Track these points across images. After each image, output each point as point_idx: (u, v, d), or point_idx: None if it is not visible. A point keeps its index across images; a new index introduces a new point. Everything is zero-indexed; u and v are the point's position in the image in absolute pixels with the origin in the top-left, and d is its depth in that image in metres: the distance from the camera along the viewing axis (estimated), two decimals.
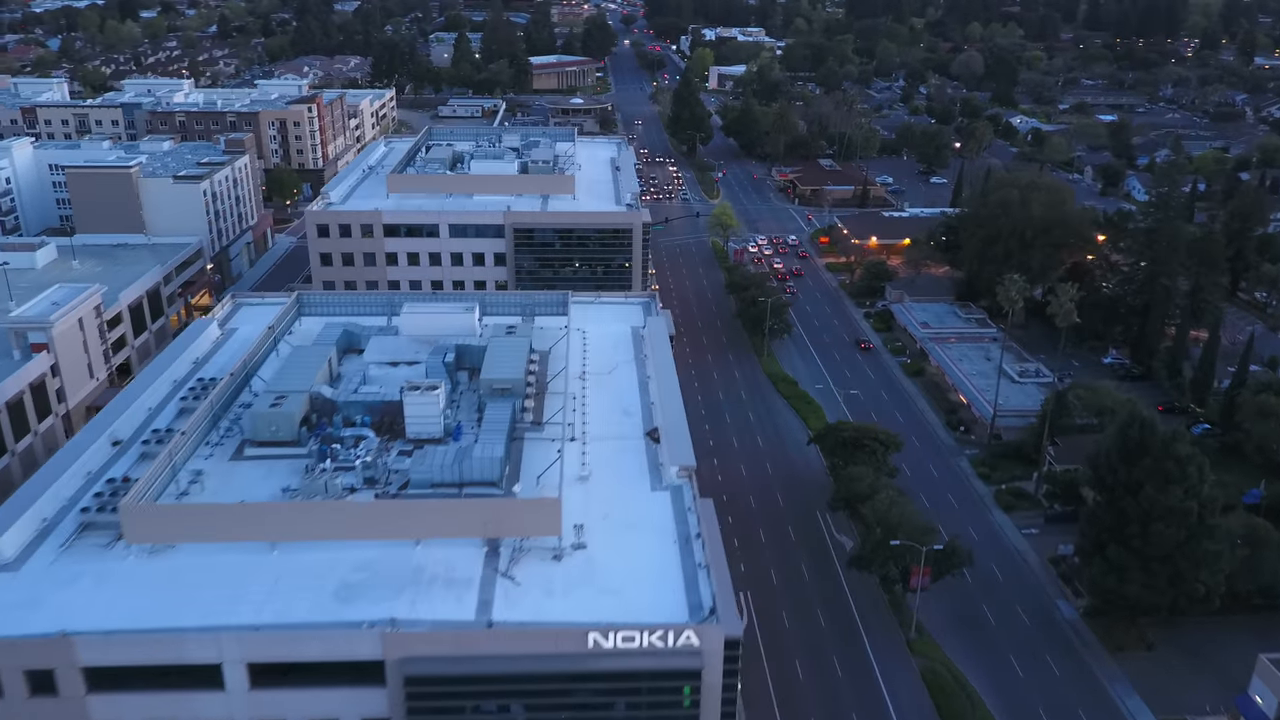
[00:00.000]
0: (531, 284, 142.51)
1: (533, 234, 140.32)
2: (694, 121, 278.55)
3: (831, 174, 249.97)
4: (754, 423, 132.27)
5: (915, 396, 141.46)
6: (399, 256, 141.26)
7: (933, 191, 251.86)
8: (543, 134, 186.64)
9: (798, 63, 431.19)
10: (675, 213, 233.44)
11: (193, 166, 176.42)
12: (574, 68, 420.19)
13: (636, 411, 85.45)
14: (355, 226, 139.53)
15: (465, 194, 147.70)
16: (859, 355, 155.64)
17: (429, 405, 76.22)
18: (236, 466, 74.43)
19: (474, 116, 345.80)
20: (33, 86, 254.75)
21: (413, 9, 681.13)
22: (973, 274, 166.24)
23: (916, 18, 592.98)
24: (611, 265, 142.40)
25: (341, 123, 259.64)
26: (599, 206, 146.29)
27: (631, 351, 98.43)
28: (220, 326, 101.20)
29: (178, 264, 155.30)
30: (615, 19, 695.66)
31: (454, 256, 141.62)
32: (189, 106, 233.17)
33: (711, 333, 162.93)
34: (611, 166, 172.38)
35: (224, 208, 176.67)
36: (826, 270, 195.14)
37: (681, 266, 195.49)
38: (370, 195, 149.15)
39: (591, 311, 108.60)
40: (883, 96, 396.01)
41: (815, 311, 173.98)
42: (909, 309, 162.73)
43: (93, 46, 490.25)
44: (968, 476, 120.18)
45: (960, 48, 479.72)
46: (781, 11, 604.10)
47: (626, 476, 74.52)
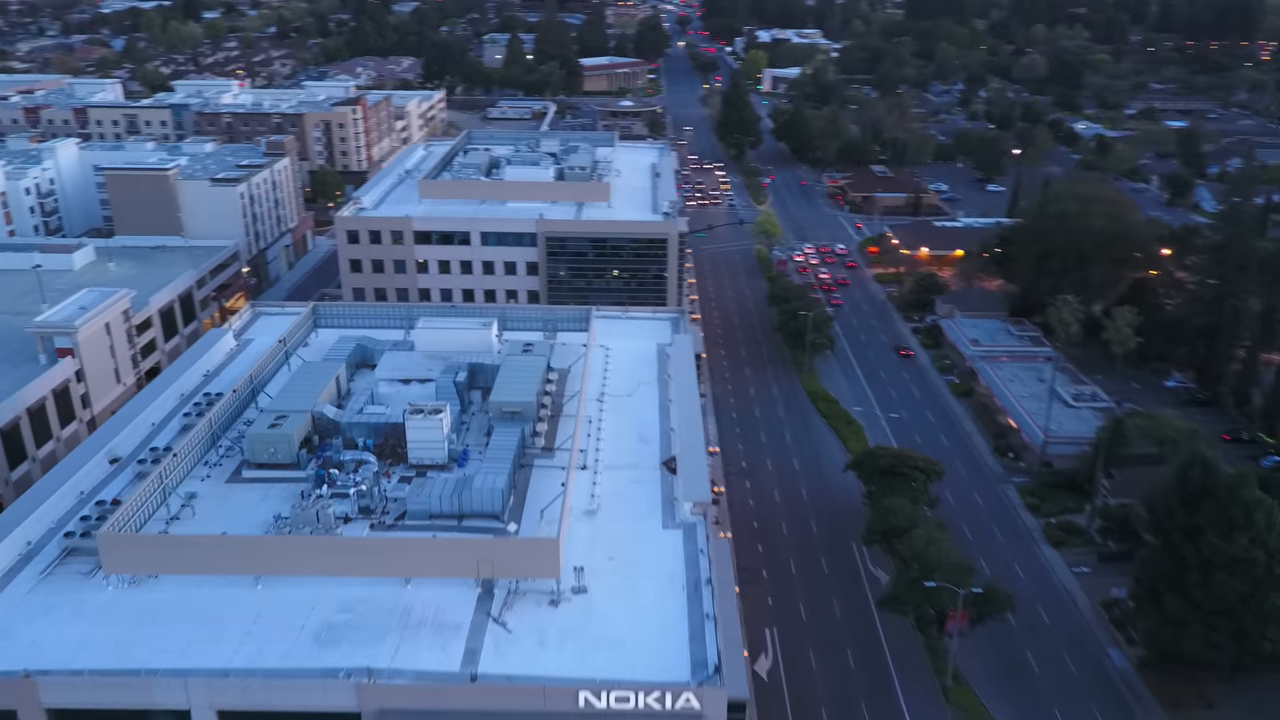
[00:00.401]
0: (564, 294, 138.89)
1: (565, 243, 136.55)
2: (742, 125, 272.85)
3: (883, 181, 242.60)
4: (790, 443, 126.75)
5: (962, 418, 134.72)
6: (429, 264, 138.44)
7: (989, 200, 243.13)
8: (582, 138, 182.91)
9: (854, 65, 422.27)
10: (720, 219, 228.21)
11: (232, 169, 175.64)
12: (625, 69, 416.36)
13: (654, 438, 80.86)
14: (385, 233, 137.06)
15: (499, 200, 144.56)
16: (904, 373, 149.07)
17: (432, 430, 72.39)
18: (233, 489, 71.38)
19: (523, 118, 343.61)
20: (87, 87, 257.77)
21: (470, 10, 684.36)
22: (1027, 289, 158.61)
23: (979, 19, 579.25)
24: (646, 276, 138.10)
25: (387, 124, 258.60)
26: (634, 215, 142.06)
27: (655, 371, 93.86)
28: (236, 337, 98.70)
29: (212, 267, 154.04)
30: (671, 20, 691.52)
31: (485, 265, 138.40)
32: (236, 108, 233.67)
33: (751, 346, 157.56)
34: (652, 173, 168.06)
35: (262, 210, 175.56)
36: (875, 281, 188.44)
37: (723, 275, 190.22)
38: (403, 201, 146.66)
39: (617, 327, 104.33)
40: (940, 100, 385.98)
41: (861, 325, 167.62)
42: (959, 325, 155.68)
43: (155, 47, 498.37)
44: (1015, 507, 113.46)
45: (1023, 50, 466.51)
46: (840, 13, 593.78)
47: (637, 511, 69.95)
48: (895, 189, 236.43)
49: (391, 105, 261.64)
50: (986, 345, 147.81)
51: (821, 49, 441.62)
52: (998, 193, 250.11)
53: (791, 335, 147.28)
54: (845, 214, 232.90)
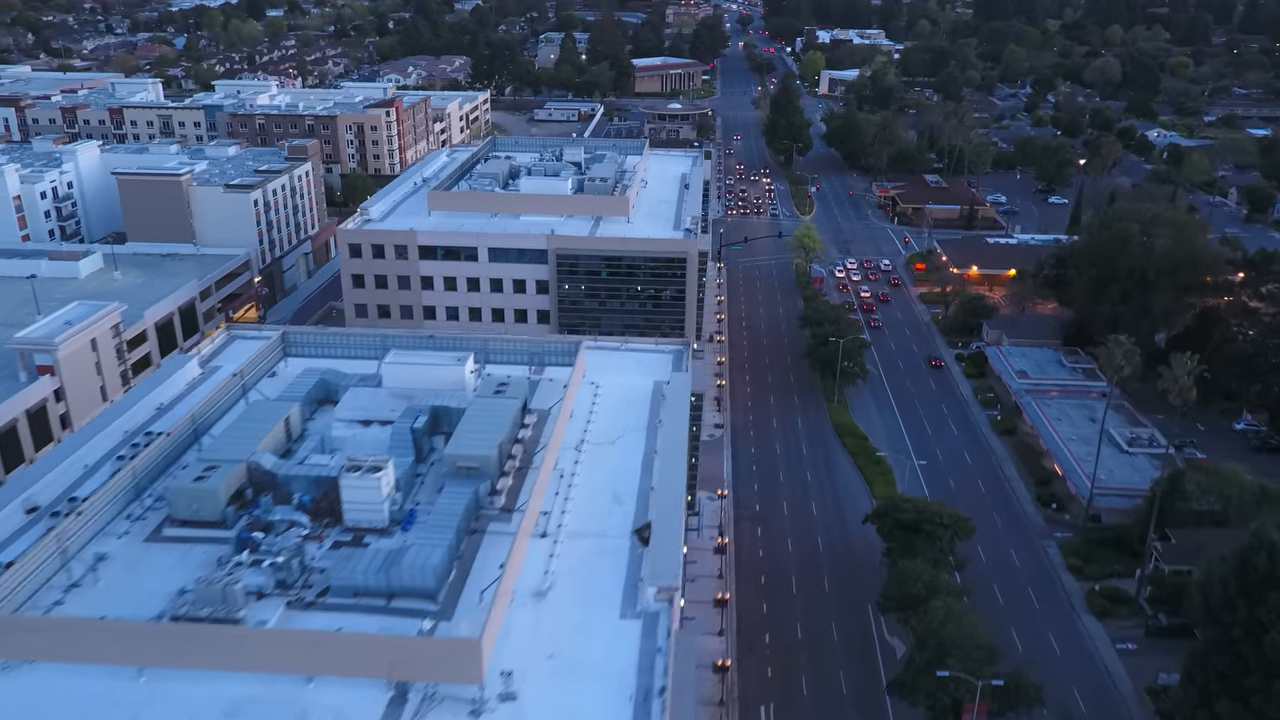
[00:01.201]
0: (575, 314, 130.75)
1: (577, 260, 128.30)
2: (791, 130, 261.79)
3: (936, 191, 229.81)
4: (811, 485, 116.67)
5: (1003, 460, 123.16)
6: (435, 280, 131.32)
7: (1050, 213, 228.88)
8: (611, 146, 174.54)
9: (916, 67, 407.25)
10: (762, 229, 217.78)
11: (250, 174, 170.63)
12: (679, 70, 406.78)
13: (631, 497, 71.73)
14: (389, 247, 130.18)
15: (512, 214, 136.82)
16: (943, 406, 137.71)
17: (369, 490, 64.26)
18: (150, 550, 64.10)
19: (569, 120, 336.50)
20: (128, 87, 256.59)
21: (530, 8, 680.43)
22: (1083, 316, 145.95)
23: (1052, 19, 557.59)
24: (663, 297, 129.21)
25: (425, 126, 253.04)
26: (653, 231, 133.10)
27: (646, 415, 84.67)
28: (202, 365, 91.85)
29: (219, 277, 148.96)
30: (734, 19, 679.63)
31: (493, 282, 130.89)
32: (269, 109, 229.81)
33: (779, 371, 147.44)
34: (680, 184, 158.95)
35: (279, 217, 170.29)
36: (919, 301, 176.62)
37: (758, 291, 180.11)
38: (413, 212, 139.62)
39: (613, 360, 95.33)
40: (1006, 105, 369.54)
41: (900, 350, 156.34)
42: (1005, 353, 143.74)
43: (216, 45, 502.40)
44: (1055, 567, 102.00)
45: (1097, 52, 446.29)
46: (906, 13, 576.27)
47: (595, 594, 60.99)
48: (948, 200, 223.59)
49: (429, 107, 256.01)
50: (1034, 378, 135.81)
51: (883, 50, 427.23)
52: (1060, 205, 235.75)
53: (821, 362, 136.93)
54: (894, 226, 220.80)
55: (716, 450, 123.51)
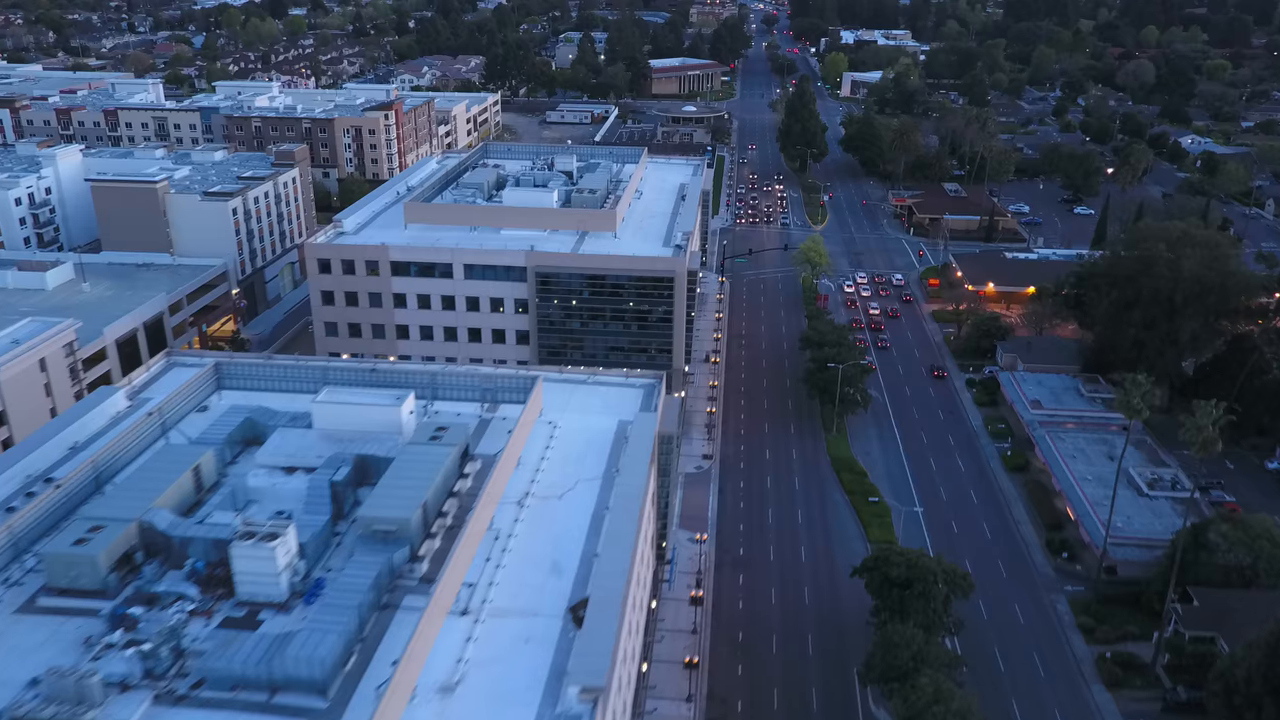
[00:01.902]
0: (556, 336, 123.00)
1: (558, 279, 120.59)
2: (806, 135, 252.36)
3: (955, 201, 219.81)
4: (801, 526, 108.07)
5: (1012, 500, 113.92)
6: (408, 298, 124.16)
7: (1075, 225, 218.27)
8: (608, 154, 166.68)
9: (941, 69, 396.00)
10: (771, 240, 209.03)
11: (232, 180, 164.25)
12: (697, 71, 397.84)
13: (571, 567, 63.86)
14: (359, 263, 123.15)
15: (493, 227, 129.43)
16: (949, 436, 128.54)
17: (263, 561, 56.73)
18: (20, 623, 57.09)
19: (582, 122, 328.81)
20: (128, 88, 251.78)
21: (553, 7, 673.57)
22: (1104, 341, 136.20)
23: (1086, 19, 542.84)
24: (649, 319, 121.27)
25: (428, 130, 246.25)
26: (641, 248, 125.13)
27: (604, 462, 76.79)
28: (131, 397, 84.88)
29: (190, 290, 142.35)
30: (759, 19, 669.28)
31: (470, 301, 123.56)
32: (266, 112, 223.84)
33: (777, 395, 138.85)
34: (677, 195, 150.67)
35: (261, 226, 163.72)
36: (932, 319, 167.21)
37: (761, 307, 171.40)
38: (390, 225, 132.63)
39: (577, 396, 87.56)
40: (1034, 108, 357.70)
41: (908, 372, 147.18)
42: (1020, 380, 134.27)
43: (235, 44, 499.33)
44: (1064, 626, 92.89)
45: (1131, 54, 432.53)
46: (934, 13, 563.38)
47: (511, 690, 53.17)
48: (967, 210, 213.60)
49: (433, 109, 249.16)
50: (1049, 408, 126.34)
51: (908, 52, 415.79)
52: (1086, 216, 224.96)
53: (820, 389, 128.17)
54: (909, 237, 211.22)
55: (702, 484, 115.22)
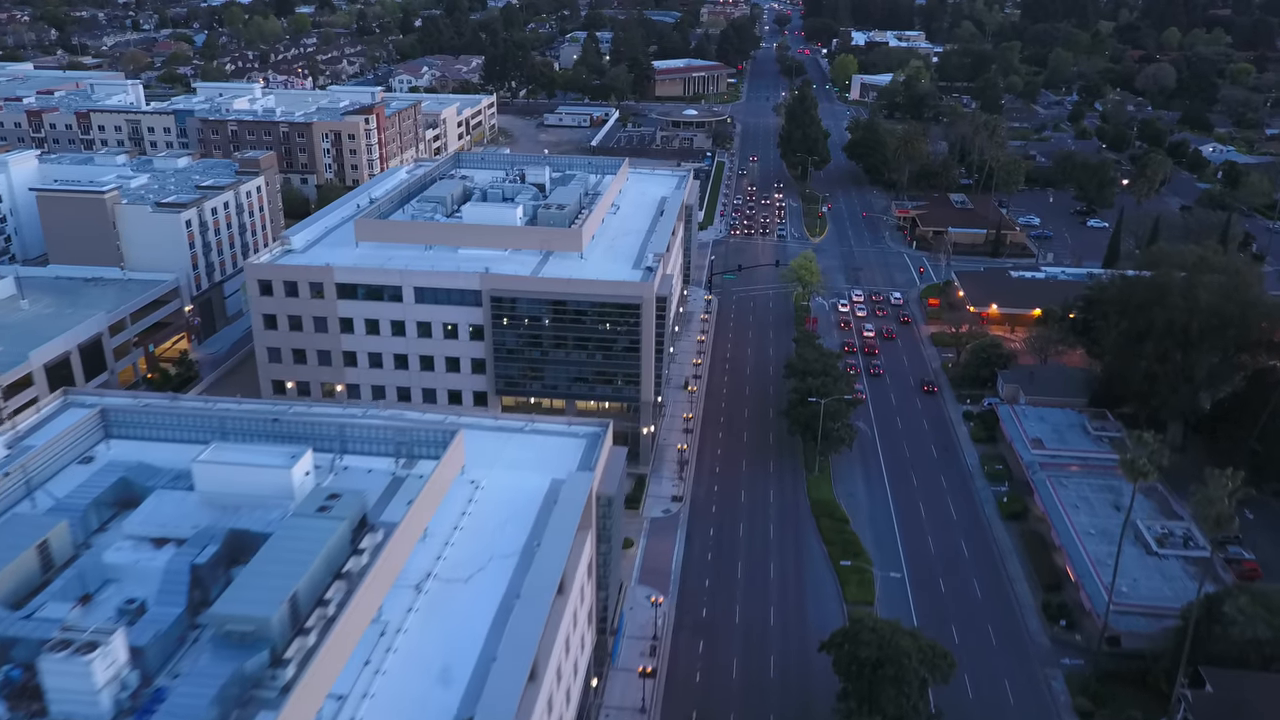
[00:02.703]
0: (514, 365, 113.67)
1: (515, 303, 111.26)
2: (806, 142, 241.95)
3: (960, 213, 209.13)
4: (773, 583, 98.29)
5: (1007, 554, 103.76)
6: (355, 323, 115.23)
7: (1088, 239, 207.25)
8: (587, 164, 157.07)
9: (954, 72, 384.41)
10: (766, 253, 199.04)
11: (190, 190, 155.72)
12: (702, 73, 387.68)
13: (464, 676, 54.45)
14: (302, 284, 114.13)
15: (450, 246, 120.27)
16: (941, 477, 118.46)
17: (78, 678, 47.50)
18: None
19: (581, 125, 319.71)
20: (107, 88, 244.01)
21: (562, 6, 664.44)
22: (1113, 373, 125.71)
23: (1106, 20, 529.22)
24: (614, 348, 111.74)
25: (413, 134, 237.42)
26: (607, 270, 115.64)
27: (526, 533, 67.38)
28: (11, 445, 76.00)
29: (134, 308, 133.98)
30: (771, 19, 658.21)
31: (421, 326, 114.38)
32: (243, 115, 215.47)
33: (758, 427, 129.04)
34: (656, 210, 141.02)
35: (220, 238, 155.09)
36: (930, 342, 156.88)
37: (749, 327, 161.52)
38: (343, 242, 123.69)
39: (509, 447, 78.19)
40: (1049, 113, 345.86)
41: (901, 404, 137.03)
42: (1020, 415, 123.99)
43: (236, 42, 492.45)
44: (1059, 707, 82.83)
45: (1152, 57, 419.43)
46: (950, 13, 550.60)
47: None
48: (974, 223, 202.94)
49: (420, 113, 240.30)
50: (1051, 447, 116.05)
51: (920, 53, 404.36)
52: (1099, 230, 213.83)
53: (801, 424, 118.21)
54: (912, 251, 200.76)
55: (669, 532, 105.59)
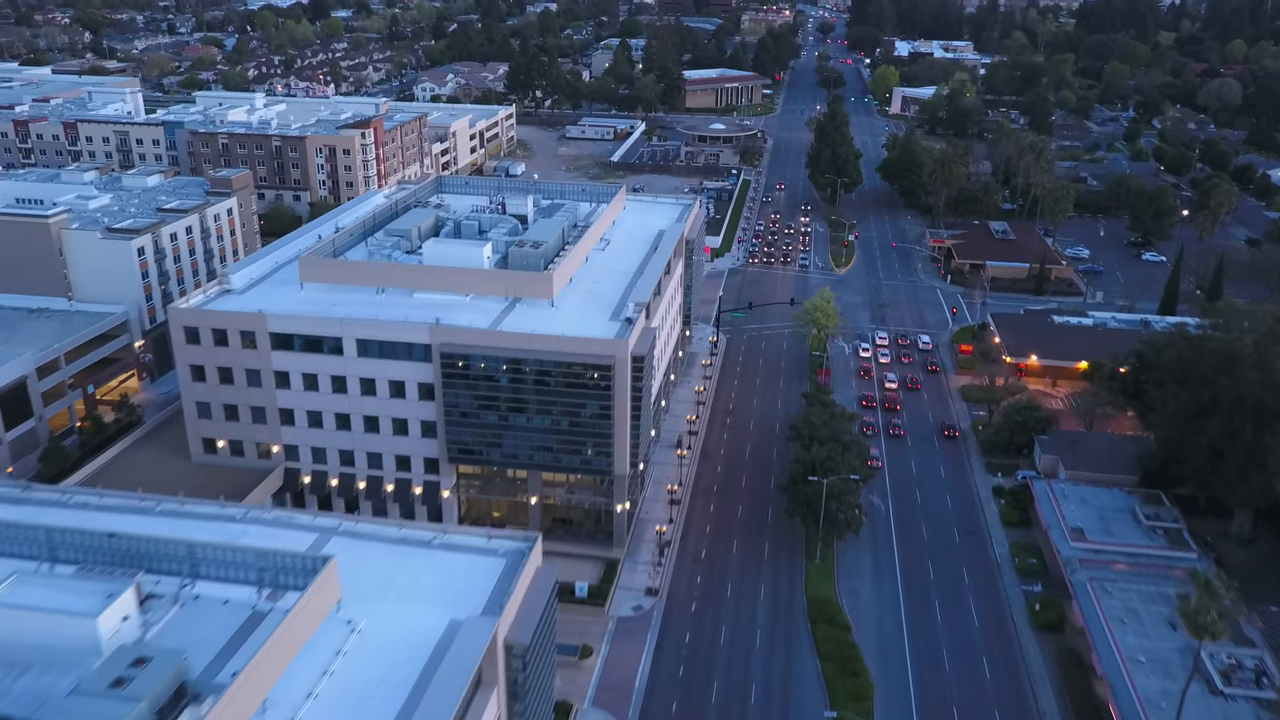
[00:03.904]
0: (469, 431, 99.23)
1: (469, 360, 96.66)
2: (836, 162, 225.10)
3: (1001, 244, 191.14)
4: (753, 710, 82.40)
5: (1037, 679, 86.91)
6: (292, 377, 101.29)
7: (1143, 275, 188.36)
8: (581, 191, 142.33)
9: (1002, 85, 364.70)
10: (787, 285, 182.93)
11: (151, 213, 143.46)
12: (736, 84, 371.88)
13: None
14: (233, 333, 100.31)
15: (405, 290, 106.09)
16: (964, 570, 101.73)
17: None
18: None
19: (604, 138, 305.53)
20: (104, 96, 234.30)
21: (601, 12, 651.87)
22: (1169, 449, 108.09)
23: (1166, 31, 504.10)
24: (583, 414, 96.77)
25: (418, 148, 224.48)
26: (578, 322, 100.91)
27: (401, 700, 52.42)
28: None
29: (70, 346, 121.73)
30: (815, 26, 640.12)
31: (364, 383, 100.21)
32: (235, 127, 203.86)
33: (755, 500, 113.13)
34: (651, 247, 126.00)
35: (181, 266, 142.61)
36: (960, 396, 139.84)
37: (757, 371, 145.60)
38: (290, 281, 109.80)
39: (408, 571, 63.63)
40: (1103, 131, 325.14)
41: (923, 470, 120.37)
42: (1060, 494, 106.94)
43: (267, 46, 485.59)
44: None
45: (1215, 71, 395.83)
46: (1000, 23, 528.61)
47: None
48: (1015, 255, 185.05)
49: (425, 126, 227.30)
50: (1095, 540, 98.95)
51: (965, 65, 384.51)
52: (1156, 264, 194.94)
53: (802, 504, 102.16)
54: (946, 286, 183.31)
55: (637, 635, 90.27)
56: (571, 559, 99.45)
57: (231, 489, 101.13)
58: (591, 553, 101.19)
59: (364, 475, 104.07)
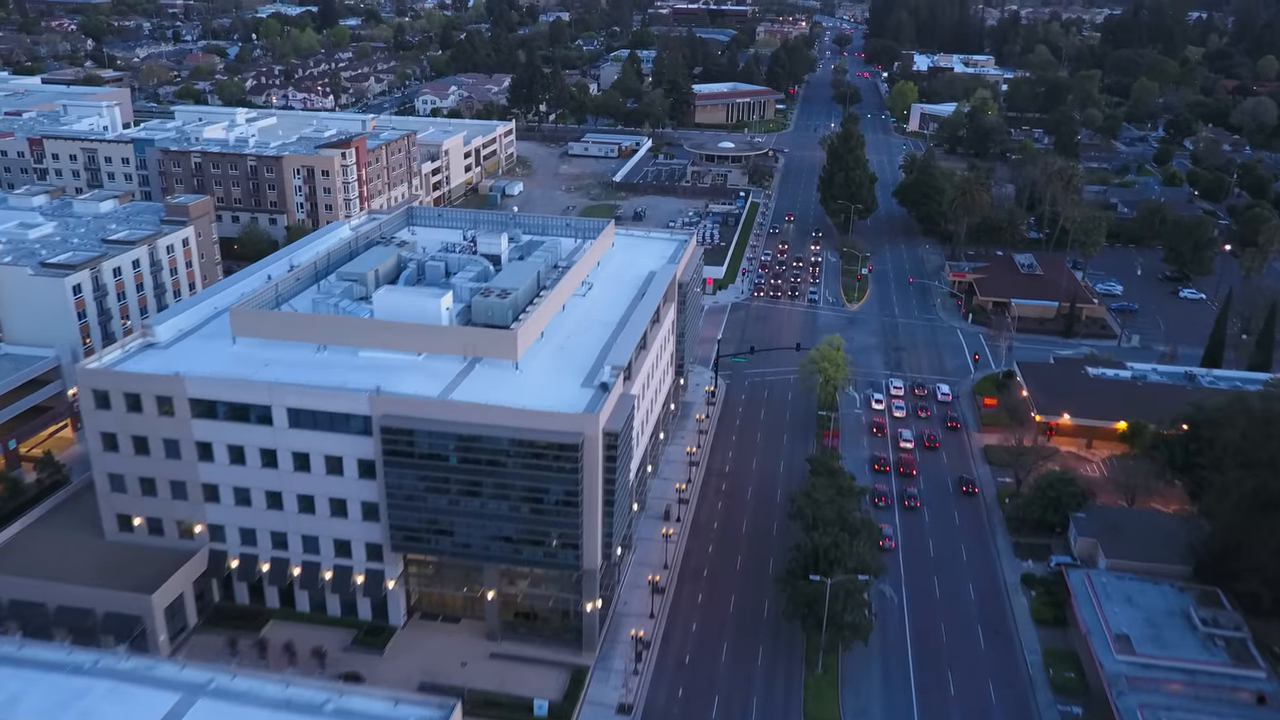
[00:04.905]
0: (416, 514, 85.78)
1: (413, 436, 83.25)
2: (849, 187, 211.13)
3: (1027, 280, 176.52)
4: None
5: None
6: (216, 449, 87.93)
7: (1182, 314, 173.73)
8: (565, 226, 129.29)
9: (1024, 102, 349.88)
10: (794, 321, 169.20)
11: (95, 245, 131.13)
12: (748, 99, 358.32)
13: None
14: (147, 398, 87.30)
15: (350, 347, 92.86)
16: (989, 685, 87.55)
17: None
18: None
19: (608, 156, 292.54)
20: (80, 109, 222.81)
21: (613, 22, 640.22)
22: (1227, 538, 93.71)
23: (1195, 46, 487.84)
24: (545, 501, 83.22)
25: (405, 169, 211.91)
26: (545, 390, 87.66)
27: None
28: None
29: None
30: (832, 37, 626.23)
31: (297, 458, 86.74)
32: (210, 146, 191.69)
33: (750, 587, 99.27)
34: (638, 292, 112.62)
35: (127, 303, 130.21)
36: (983, 458, 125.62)
37: (758, 427, 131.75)
38: (226, 333, 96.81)
39: None
40: (1131, 152, 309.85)
41: (942, 552, 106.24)
42: (1101, 589, 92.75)
43: (270, 55, 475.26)
44: None
45: (1248, 88, 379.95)
46: (1022, 36, 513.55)
47: None
48: (1043, 292, 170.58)
49: (414, 144, 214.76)
50: (1144, 652, 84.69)
51: (987, 81, 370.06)
52: (1196, 302, 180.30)
53: (803, 604, 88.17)
54: (967, 326, 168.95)
55: None
56: (533, 665, 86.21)
57: (149, 573, 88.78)
58: (556, 658, 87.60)
59: (299, 560, 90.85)
